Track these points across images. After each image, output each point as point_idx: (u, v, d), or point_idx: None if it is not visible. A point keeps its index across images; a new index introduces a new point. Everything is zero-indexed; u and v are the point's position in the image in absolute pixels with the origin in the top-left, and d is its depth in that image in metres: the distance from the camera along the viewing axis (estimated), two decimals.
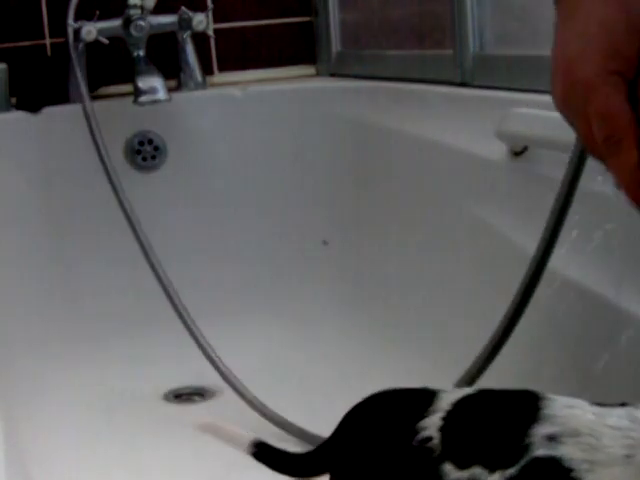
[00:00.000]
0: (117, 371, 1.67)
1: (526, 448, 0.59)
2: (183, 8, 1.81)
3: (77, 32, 1.71)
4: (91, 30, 1.71)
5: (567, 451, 0.57)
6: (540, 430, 0.60)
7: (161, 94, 1.71)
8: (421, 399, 0.67)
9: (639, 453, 0.56)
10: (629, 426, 0.58)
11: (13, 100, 1.79)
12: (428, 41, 1.72)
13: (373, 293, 1.70)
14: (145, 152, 1.82)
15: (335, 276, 1.81)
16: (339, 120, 1.80)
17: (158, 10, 1.78)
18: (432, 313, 1.50)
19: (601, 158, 0.62)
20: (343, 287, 1.79)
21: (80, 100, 1.67)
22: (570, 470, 0.57)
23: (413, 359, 1.46)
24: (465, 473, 0.62)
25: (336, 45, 2.01)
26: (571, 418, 0.59)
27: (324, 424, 0.81)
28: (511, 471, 0.59)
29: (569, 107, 0.64)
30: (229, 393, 1.51)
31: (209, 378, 1.55)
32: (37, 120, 1.76)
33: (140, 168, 1.83)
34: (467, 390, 0.68)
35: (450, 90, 1.52)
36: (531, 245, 1.02)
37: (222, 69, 2.00)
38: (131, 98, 1.73)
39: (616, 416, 0.59)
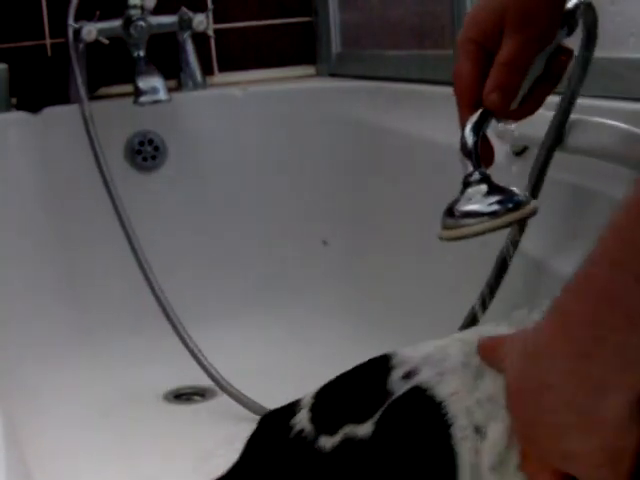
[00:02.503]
0: (117, 371, 1.67)
1: (387, 393, 0.62)
2: (183, 8, 1.81)
3: (77, 32, 1.71)
4: (91, 30, 1.71)
5: (422, 377, 0.62)
6: (395, 375, 0.63)
7: (161, 94, 1.72)
8: (287, 408, 0.69)
9: (474, 359, 0.60)
10: (471, 338, 0.62)
11: (13, 100, 1.79)
12: (428, 41, 1.72)
13: (373, 293, 1.70)
14: (145, 152, 1.83)
15: (335, 276, 1.81)
16: (339, 120, 1.81)
17: (158, 10, 1.78)
18: (432, 313, 1.50)
19: None
20: (343, 287, 1.79)
21: (80, 101, 1.67)
22: (425, 390, 0.61)
23: None
24: (338, 436, 0.63)
25: (336, 45, 2.01)
26: (423, 349, 0.64)
27: None
28: (378, 415, 0.62)
29: None
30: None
31: (209, 378, 1.55)
32: (37, 120, 1.76)
33: (140, 168, 1.83)
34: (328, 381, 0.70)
35: (450, 90, 1.51)
36: (531, 245, 1.02)
37: (222, 69, 2.00)
38: (131, 98, 1.73)
39: (466, 333, 0.65)
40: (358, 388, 0.66)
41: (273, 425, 0.71)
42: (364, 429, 0.62)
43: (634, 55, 1.09)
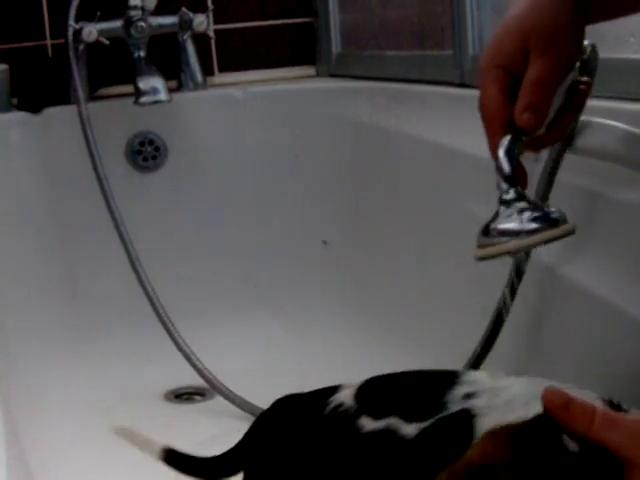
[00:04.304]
0: (117, 371, 1.68)
1: (443, 405, 0.64)
2: (184, 9, 1.81)
3: (78, 33, 1.71)
4: (92, 31, 1.71)
5: (477, 402, 0.63)
6: (458, 391, 0.64)
7: (162, 95, 1.72)
8: (326, 391, 0.71)
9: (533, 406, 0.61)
10: (520, 384, 0.65)
11: (14, 101, 1.80)
12: (428, 42, 1.72)
13: (373, 293, 1.70)
14: (146, 152, 1.83)
15: (335, 276, 1.81)
16: (339, 120, 1.81)
17: (159, 11, 1.78)
18: (432, 313, 1.50)
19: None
20: (343, 287, 1.79)
21: (78, 102, 1.68)
22: (473, 416, 0.62)
23: (413, 358, 1.46)
24: (381, 423, 0.64)
25: (336, 46, 2.01)
26: (485, 380, 0.65)
27: None
28: (426, 423, 0.63)
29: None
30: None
31: (203, 380, 1.55)
32: (38, 121, 1.77)
33: (141, 168, 1.83)
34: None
35: (449, 91, 1.52)
36: (542, 250, 1.02)
37: (222, 70, 2.00)
38: (132, 99, 1.73)
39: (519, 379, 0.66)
40: (416, 388, 0.67)
41: (300, 408, 0.71)
42: (409, 429, 0.63)
43: (634, 55, 1.09)
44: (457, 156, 1.38)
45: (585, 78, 0.78)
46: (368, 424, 0.64)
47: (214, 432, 1.45)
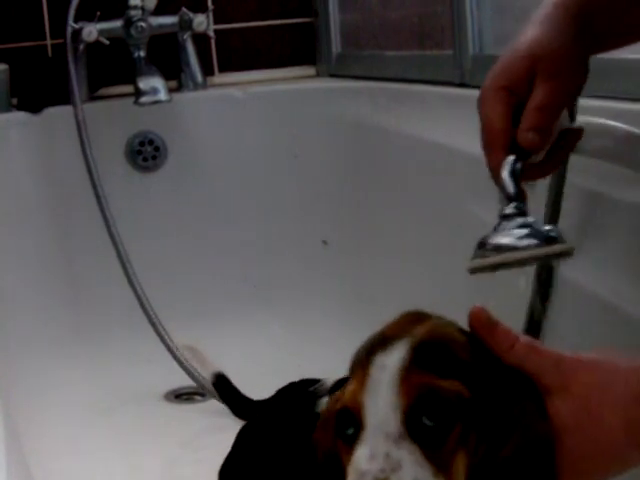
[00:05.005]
0: (117, 371, 1.68)
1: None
2: (184, 9, 1.81)
3: (78, 33, 1.71)
4: (92, 31, 1.71)
5: None
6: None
7: (162, 95, 1.72)
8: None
9: None
10: None
11: (14, 101, 1.80)
12: (428, 42, 1.72)
13: (373, 293, 1.70)
14: (145, 152, 1.83)
15: (335, 276, 1.81)
16: (339, 120, 1.81)
17: (159, 11, 1.78)
18: (432, 313, 1.50)
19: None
20: (343, 287, 1.79)
21: (74, 104, 1.68)
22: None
23: None
24: None
25: (336, 46, 2.01)
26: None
27: None
28: None
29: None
30: None
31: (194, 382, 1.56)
32: (38, 121, 1.77)
33: (140, 168, 1.83)
34: None
35: (449, 91, 1.52)
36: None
37: (223, 70, 2.00)
38: (132, 99, 1.73)
39: None
40: None
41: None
42: None
43: (634, 55, 1.09)
44: (457, 156, 1.38)
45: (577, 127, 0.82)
46: None
47: (214, 432, 1.45)
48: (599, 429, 0.57)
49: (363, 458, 0.55)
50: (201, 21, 1.81)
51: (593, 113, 0.95)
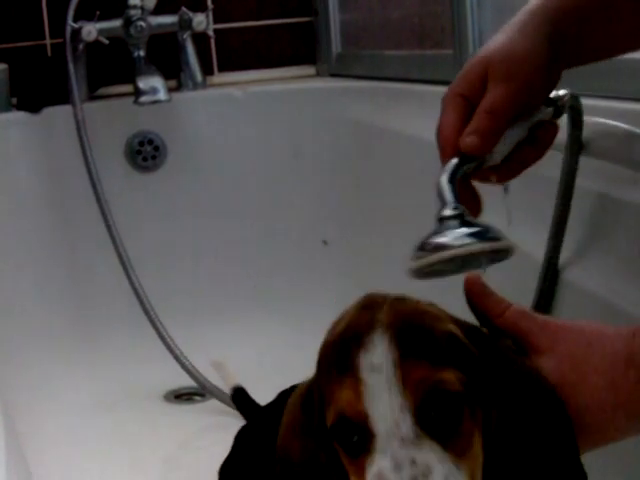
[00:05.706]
0: (117, 371, 1.68)
1: None
2: (183, 8, 1.81)
3: (77, 32, 1.71)
4: (91, 30, 1.71)
5: None
6: None
7: (161, 94, 1.72)
8: None
9: None
10: None
11: (14, 100, 1.80)
12: (428, 42, 1.72)
13: None
14: (145, 152, 1.83)
15: (335, 276, 1.81)
16: (339, 120, 1.81)
17: (158, 10, 1.78)
18: None
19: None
20: (343, 287, 1.79)
21: (74, 104, 1.67)
22: None
23: None
24: None
25: (336, 45, 2.01)
26: None
27: None
28: None
29: None
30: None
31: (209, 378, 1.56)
32: (38, 120, 1.76)
33: (140, 168, 1.83)
34: None
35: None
36: (531, 244, 1.02)
37: (222, 69, 2.00)
38: (131, 98, 1.73)
39: None
40: None
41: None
42: None
43: (634, 55, 1.09)
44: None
45: (553, 122, 0.79)
46: None
47: (214, 432, 1.45)
48: (583, 387, 0.57)
49: (388, 470, 0.53)
50: (201, 20, 1.81)
51: (593, 113, 0.95)
